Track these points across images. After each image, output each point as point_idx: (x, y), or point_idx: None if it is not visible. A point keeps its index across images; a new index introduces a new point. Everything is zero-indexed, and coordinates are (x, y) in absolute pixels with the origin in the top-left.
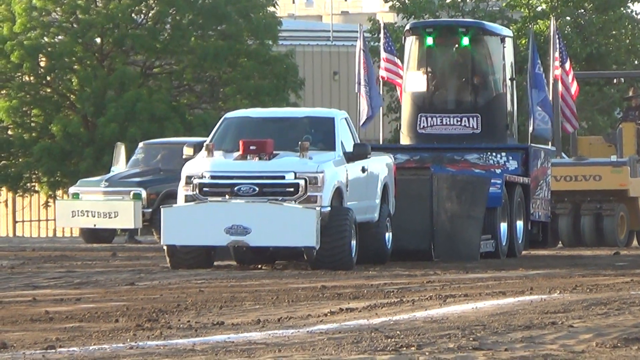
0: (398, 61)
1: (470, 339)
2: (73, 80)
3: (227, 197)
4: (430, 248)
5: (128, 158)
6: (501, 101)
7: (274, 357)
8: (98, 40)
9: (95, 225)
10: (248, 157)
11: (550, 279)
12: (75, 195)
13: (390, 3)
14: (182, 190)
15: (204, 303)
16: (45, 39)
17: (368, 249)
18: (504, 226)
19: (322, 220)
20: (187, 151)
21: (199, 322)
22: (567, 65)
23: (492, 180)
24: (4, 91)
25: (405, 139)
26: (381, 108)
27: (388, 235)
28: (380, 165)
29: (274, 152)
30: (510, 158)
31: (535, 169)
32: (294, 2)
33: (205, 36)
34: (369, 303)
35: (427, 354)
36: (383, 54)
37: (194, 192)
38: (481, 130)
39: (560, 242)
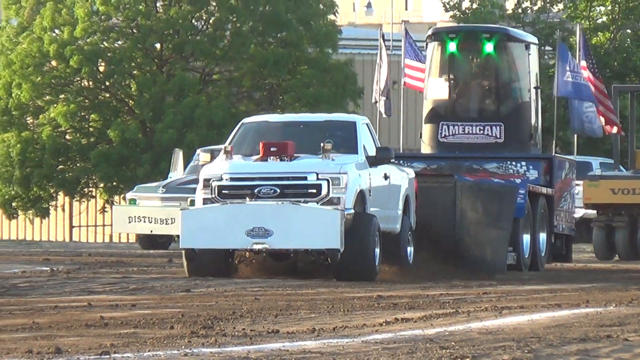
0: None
1: (525, 351)
2: (132, 85)
3: (247, 199)
4: (452, 257)
5: (186, 164)
6: (525, 110)
7: None
8: (158, 46)
9: (151, 231)
10: (269, 159)
11: (606, 292)
12: (133, 201)
13: (451, 12)
14: (200, 194)
15: (260, 311)
16: (105, 44)
17: (388, 262)
18: (526, 238)
19: (345, 223)
20: (204, 157)
21: (254, 330)
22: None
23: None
24: (63, 96)
25: (426, 148)
26: (402, 116)
27: (410, 250)
28: (402, 176)
29: (295, 154)
30: (531, 167)
31: (559, 179)
32: (354, 11)
33: (265, 43)
34: (424, 313)
35: None
36: (406, 61)
37: (213, 195)
38: (504, 139)
39: (617, 255)
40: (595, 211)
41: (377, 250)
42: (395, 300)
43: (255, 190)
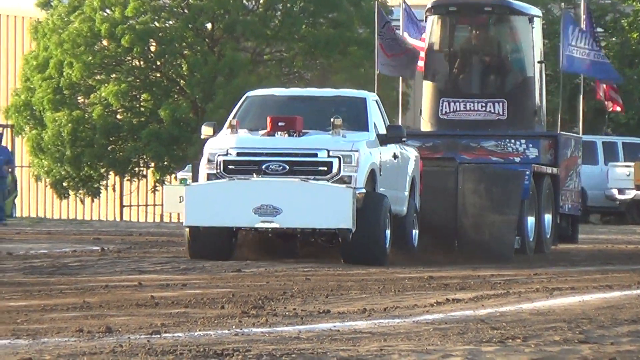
0: (414, 41)
1: (576, 332)
2: (183, 65)
3: (254, 175)
4: (454, 243)
5: None
6: (529, 85)
7: (379, 347)
8: (209, 26)
9: None
10: (277, 134)
11: None
12: (183, 181)
13: None
14: (204, 169)
15: (310, 291)
16: (156, 23)
17: (393, 245)
18: (531, 220)
19: (356, 203)
20: (206, 131)
21: (305, 310)
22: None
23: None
24: (114, 75)
25: (426, 125)
26: (400, 94)
27: (415, 233)
28: (409, 156)
29: (304, 130)
30: (530, 145)
31: (564, 158)
32: None
33: (316, 24)
34: (475, 294)
35: (532, 346)
36: (405, 36)
37: (218, 171)
38: (507, 116)
39: None
40: None
41: (388, 232)
42: (446, 281)
43: (263, 167)
